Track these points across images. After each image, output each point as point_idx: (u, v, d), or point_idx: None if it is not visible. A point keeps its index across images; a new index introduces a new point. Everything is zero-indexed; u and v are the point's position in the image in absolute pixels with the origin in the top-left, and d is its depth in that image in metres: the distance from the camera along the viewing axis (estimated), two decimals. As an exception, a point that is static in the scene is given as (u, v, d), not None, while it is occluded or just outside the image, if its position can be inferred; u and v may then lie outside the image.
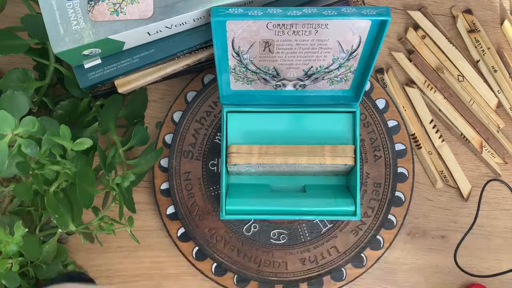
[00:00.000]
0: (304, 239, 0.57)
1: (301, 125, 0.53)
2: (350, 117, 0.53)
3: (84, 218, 0.51)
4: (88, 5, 0.43)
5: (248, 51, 0.46)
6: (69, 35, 0.43)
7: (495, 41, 0.61)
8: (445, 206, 0.60)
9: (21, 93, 0.45)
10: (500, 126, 0.60)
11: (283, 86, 0.52)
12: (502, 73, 0.60)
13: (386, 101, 0.58)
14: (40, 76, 0.56)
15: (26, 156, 0.44)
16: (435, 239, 0.60)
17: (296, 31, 0.43)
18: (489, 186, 0.60)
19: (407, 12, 0.61)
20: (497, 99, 0.60)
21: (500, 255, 0.60)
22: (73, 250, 0.58)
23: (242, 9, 0.42)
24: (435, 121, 0.60)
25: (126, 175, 0.51)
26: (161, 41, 0.48)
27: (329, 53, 0.47)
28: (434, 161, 0.60)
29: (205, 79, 0.59)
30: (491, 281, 0.59)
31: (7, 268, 0.46)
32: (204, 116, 0.58)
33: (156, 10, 0.44)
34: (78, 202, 0.48)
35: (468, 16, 0.60)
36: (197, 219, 0.57)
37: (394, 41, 0.61)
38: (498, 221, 0.60)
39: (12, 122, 0.41)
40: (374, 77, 0.60)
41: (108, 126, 0.53)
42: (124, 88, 0.51)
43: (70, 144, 0.45)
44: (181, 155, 0.58)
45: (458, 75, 0.60)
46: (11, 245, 0.44)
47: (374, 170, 0.57)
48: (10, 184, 0.49)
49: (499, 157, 0.60)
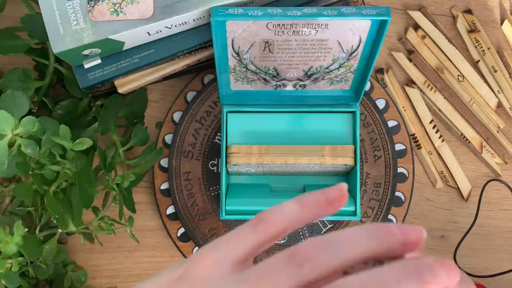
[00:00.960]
0: (304, 239, 0.57)
1: (301, 125, 0.53)
2: (350, 117, 0.53)
3: (84, 218, 0.51)
4: (88, 5, 0.43)
5: (248, 51, 0.46)
6: (69, 35, 0.43)
7: (495, 41, 0.61)
8: (445, 206, 0.60)
9: (21, 93, 0.45)
10: (500, 126, 0.60)
11: (283, 86, 0.52)
12: (502, 73, 0.60)
13: (386, 101, 0.58)
14: (40, 76, 0.56)
15: (26, 156, 0.44)
16: (435, 239, 0.60)
17: (296, 31, 0.43)
18: (489, 186, 0.60)
19: (407, 12, 0.61)
20: (497, 99, 0.60)
21: (500, 255, 0.60)
22: (73, 250, 0.58)
23: (242, 9, 0.42)
24: (435, 121, 0.60)
25: (126, 175, 0.51)
26: (161, 41, 0.48)
27: (329, 53, 0.47)
28: (434, 161, 0.60)
29: (205, 79, 0.59)
30: (491, 281, 0.59)
31: (7, 268, 0.46)
32: (204, 116, 0.58)
33: (156, 10, 0.44)
34: (78, 202, 0.48)
35: (468, 16, 0.60)
36: (197, 219, 0.57)
37: (394, 41, 0.61)
38: (498, 221, 0.60)
39: (12, 122, 0.41)
40: (374, 77, 0.60)
41: (108, 126, 0.53)
42: (124, 88, 0.51)
43: (70, 144, 0.45)
44: (181, 155, 0.58)
45: (458, 75, 0.60)
46: (11, 245, 0.44)
47: (374, 170, 0.57)
48: (10, 184, 0.49)
49: (499, 157, 0.60)
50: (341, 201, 0.24)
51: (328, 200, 0.24)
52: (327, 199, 0.24)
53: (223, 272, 0.23)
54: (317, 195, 0.24)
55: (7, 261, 0.46)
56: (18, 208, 0.51)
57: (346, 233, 0.22)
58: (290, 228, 0.24)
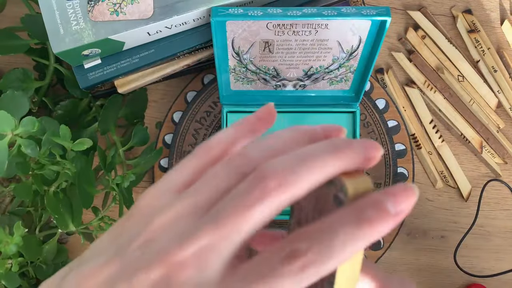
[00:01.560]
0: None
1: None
2: (350, 117, 0.53)
3: (84, 218, 0.51)
4: (88, 5, 0.43)
5: (248, 51, 0.46)
6: (69, 35, 0.43)
7: (495, 41, 0.61)
8: (445, 206, 0.60)
9: (21, 93, 0.45)
10: (500, 126, 0.60)
11: (283, 86, 0.52)
12: (502, 73, 0.60)
13: (386, 101, 0.58)
14: (40, 76, 0.56)
15: (26, 156, 0.44)
16: (435, 239, 0.60)
17: (296, 31, 0.43)
18: (489, 186, 0.60)
19: (407, 12, 0.61)
20: (497, 99, 0.60)
21: (500, 255, 0.60)
22: (73, 250, 0.58)
23: (242, 9, 0.42)
24: (435, 121, 0.60)
25: (126, 175, 0.51)
26: (161, 41, 0.48)
27: (329, 53, 0.47)
28: (434, 161, 0.60)
29: (205, 79, 0.59)
30: (491, 281, 0.59)
31: (7, 268, 0.46)
32: (204, 116, 0.58)
33: (156, 10, 0.44)
34: (78, 202, 0.48)
35: (468, 16, 0.60)
36: (197, 219, 0.57)
37: (394, 41, 0.61)
38: (498, 221, 0.60)
39: (12, 122, 0.41)
40: (374, 77, 0.60)
41: (108, 126, 0.53)
42: (124, 88, 0.51)
43: (70, 144, 0.45)
44: (181, 155, 0.57)
45: (458, 75, 0.60)
46: (10, 245, 0.44)
47: (374, 170, 0.57)
48: (10, 184, 0.48)
49: (499, 157, 0.60)
50: (270, 117, 0.25)
51: (258, 117, 0.25)
52: (257, 117, 0.25)
53: (166, 198, 0.23)
54: (248, 116, 0.26)
55: (7, 261, 0.46)
56: (18, 208, 0.51)
57: (274, 133, 0.24)
58: (228, 148, 0.24)
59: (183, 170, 0.24)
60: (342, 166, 0.21)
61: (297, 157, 0.21)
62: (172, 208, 0.22)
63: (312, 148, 0.21)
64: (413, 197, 0.20)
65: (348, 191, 0.20)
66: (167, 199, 0.23)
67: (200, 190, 0.22)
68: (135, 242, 0.21)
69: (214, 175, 0.22)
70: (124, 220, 0.24)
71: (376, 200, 0.20)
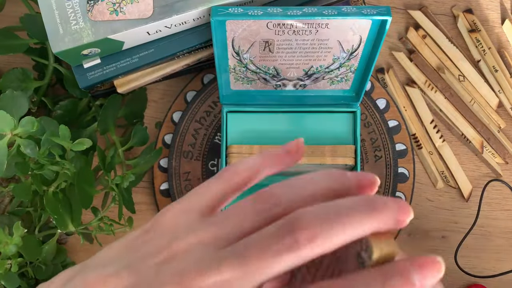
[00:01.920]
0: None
1: (301, 125, 0.53)
2: (351, 117, 0.53)
3: (84, 218, 0.51)
4: (88, 4, 0.43)
5: (248, 51, 0.46)
6: (69, 34, 0.43)
7: (496, 41, 0.61)
8: (446, 206, 0.60)
9: (20, 93, 0.45)
10: (501, 126, 0.60)
11: (283, 86, 0.52)
12: (503, 72, 0.59)
13: (386, 101, 0.58)
14: (40, 76, 0.56)
15: (25, 157, 0.44)
16: (436, 239, 0.59)
17: (296, 30, 0.43)
18: (490, 186, 0.60)
19: (407, 11, 0.61)
20: (498, 99, 0.60)
21: (501, 256, 0.59)
22: (73, 251, 0.58)
23: (242, 9, 0.41)
24: (436, 121, 0.60)
25: (125, 175, 0.50)
26: (160, 41, 0.48)
27: (329, 53, 0.46)
28: (434, 161, 0.60)
29: (204, 79, 0.58)
30: (492, 281, 0.59)
31: (6, 268, 0.45)
32: (204, 116, 0.58)
33: (156, 10, 0.43)
34: (77, 202, 0.48)
35: (468, 16, 0.60)
36: (197, 220, 0.57)
37: (394, 40, 0.61)
38: (499, 222, 0.60)
39: (11, 122, 0.41)
40: (375, 77, 0.60)
41: (108, 126, 0.53)
42: (123, 88, 0.51)
43: (70, 144, 0.45)
44: (180, 155, 0.57)
45: (459, 75, 0.60)
46: (10, 245, 0.44)
47: (374, 170, 0.57)
48: (9, 185, 0.48)
49: (500, 157, 0.60)
50: (298, 152, 0.26)
51: (286, 150, 0.26)
52: (285, 150, 0.26)
53: (189, 220, 0.23)
54: (277, 149, 0.26)
55: (6, 262, 0.45)
56: (17, 208, 0.51)
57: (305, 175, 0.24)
58: (253, 177, 0.25)
59: (207, 192, 0.24)
60: (375, 228, 0.21)
61: (332, 211, 0.21)
62: (196, 233, 0.22)
63: (348, 203, 0.21)
64: (440, 273, 0.20)
65: (373, 254, 0.20)
66: (191, 220, 0.23)
67: (225, 223, 0.22)
68: (153, 258, 0.21)
69: (242, 210, 0.22)
70: (141, 233, 0.23)
71: (403, 269, 0.20)
